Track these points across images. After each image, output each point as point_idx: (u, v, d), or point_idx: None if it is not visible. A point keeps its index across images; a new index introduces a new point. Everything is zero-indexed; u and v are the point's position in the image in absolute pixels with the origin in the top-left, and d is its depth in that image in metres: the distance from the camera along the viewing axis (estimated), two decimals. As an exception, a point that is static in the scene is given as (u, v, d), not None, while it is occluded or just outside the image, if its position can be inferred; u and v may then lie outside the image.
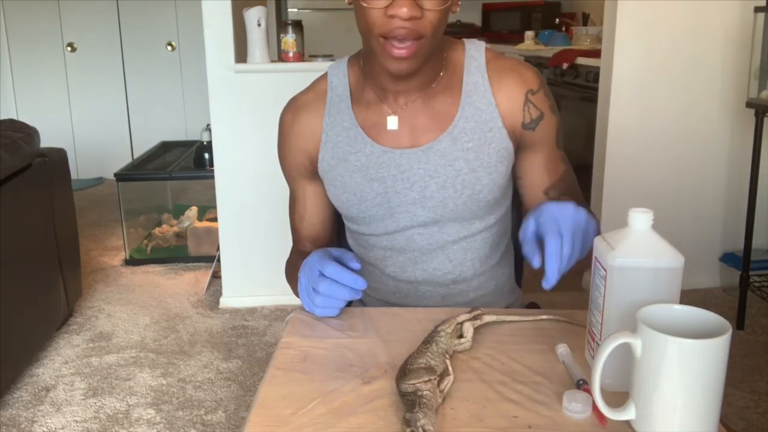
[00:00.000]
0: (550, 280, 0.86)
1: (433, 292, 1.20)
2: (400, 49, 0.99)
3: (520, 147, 1.14)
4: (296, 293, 1.12)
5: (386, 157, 1.12)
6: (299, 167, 1.20)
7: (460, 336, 0.94)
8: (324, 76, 1.19)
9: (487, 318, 1.00)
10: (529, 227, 0.91)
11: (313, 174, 1.19)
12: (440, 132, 1.11)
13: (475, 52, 1.13)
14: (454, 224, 1.15)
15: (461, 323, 0.95)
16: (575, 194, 1.17)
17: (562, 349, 0.91)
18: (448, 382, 0.82)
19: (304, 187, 1.22)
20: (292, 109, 1.19)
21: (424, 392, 0.77)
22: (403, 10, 0.95)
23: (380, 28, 0.98)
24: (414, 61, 1.02)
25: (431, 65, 1.09)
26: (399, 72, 1.03)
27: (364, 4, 0.98)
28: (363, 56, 1.13)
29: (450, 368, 0.84)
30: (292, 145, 1.19)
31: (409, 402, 0.76)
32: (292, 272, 1.16)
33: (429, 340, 0.89)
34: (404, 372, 0.82)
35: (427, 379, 0.79)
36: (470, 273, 1.19)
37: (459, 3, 1.04)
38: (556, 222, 0.89)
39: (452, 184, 1.10)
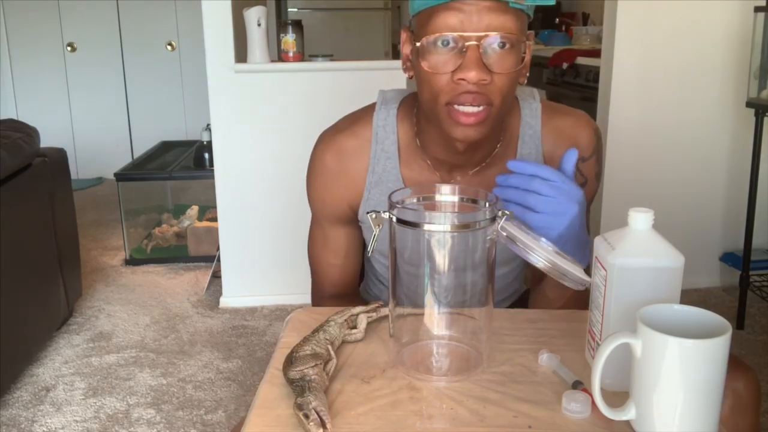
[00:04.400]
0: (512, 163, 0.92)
1: None
2: (468, 116, 0.93)
3: None
4: None
5: None
6: (340, 214, 1.15)
7: (354, 327, 0.95)
8: (368, 121, 1.11)
9: (384, 311, 0.99)
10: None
11: (353, 219, 1.16)
12: None
13: (530, 118, 1.08)
14: None
15: (356, 315, 0.96)
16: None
17: (544, 356, 0.89)
18: (332, 365, 0.84)
19: (339, 231, 1.17)
20: (334, 152, 1.11)
21: (312, 376, 0.79)
22: (472, 74, 0.89)
23: (447, 95, 0.92)
24: (482, 129, 0.95)
25: (491, 138, 1.03)
26: (465, 139, 0.96)
27: (429, 70, 0.92)
28: (420, 123, 1.07)
29: (333, 354, 0.86)
30: (334, 194, 1.13)
31: (299, 388, 0.78)
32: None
33: (318, 328, 0.91)
34: (290, 360, 0.83)
35: (313, 364, 0.81)
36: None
37: (527, 74, 0.98)
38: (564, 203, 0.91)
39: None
